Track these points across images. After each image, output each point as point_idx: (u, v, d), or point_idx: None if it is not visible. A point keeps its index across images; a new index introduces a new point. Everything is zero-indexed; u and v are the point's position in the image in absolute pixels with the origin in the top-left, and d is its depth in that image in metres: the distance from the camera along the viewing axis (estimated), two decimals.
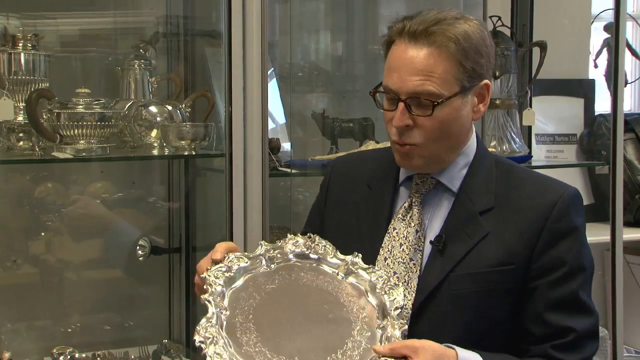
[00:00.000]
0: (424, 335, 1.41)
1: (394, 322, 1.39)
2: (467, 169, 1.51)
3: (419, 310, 1.44)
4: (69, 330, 2.46)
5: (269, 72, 2.16)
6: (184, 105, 2.34)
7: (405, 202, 1.53)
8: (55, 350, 2.24)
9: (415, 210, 1.50)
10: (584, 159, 3.03)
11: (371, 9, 2.92)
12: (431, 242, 1.47)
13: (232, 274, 1.42)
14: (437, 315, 1.44)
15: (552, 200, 1.46)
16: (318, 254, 1.50)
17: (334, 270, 1.49)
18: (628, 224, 2.80)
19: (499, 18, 2.64)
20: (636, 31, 3.60)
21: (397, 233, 1.51)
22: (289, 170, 2.31)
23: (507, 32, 2.71)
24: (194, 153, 2.24)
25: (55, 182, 2.43)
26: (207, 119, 2.32)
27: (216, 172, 2.29)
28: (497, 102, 2.57)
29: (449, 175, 1.51)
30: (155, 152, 2.28)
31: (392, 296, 1.42)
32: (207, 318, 1.32)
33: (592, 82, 3.12)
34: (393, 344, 1.33)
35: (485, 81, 1.46)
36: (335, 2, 2.87)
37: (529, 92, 2.76)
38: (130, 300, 2.57)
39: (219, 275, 1.40)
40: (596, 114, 3.07)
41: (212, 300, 1.35)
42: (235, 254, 1.45)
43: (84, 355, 2.28)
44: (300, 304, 1.42)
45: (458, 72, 1.41)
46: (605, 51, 3.07)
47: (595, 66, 3.13)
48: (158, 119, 2.28)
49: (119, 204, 2.55)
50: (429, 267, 1.46)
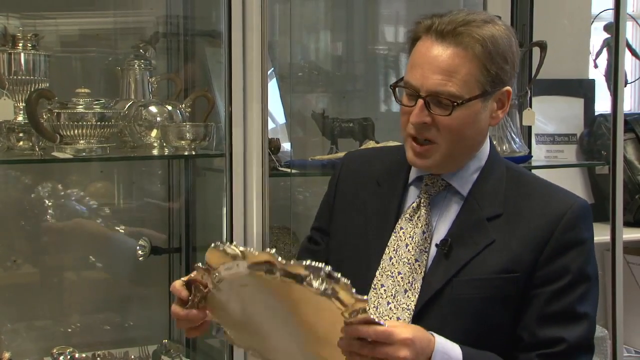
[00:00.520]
0: None
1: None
2: (478, 174, 1.51)
3: (420, 312, 1.44)
4: (69, 330, 2.46)
5: (268, 72, 2.16)
6: (184, 105, 2.34)
7: (414, 202, 1.52)
8: (55, 350, 2.24)
9: (423, 211, 1.50)
10: (584, 159, 3.02)
11: (371, 9, 2.92)
12: (437, 245, 1.47)
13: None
14: (438, 318, 1.43)
15: (561, 211, 1.45)
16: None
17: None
18: (628, 224, 2.80)
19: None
20: (636, 31, 3.60)
21: (403, 233, 1.50)
22: (289, 170, 2.31)
23: None
24: (194, 153, 2.24)
25: (55, 182, 2.43)
26: (207, 119, 2.32)
27: (216, 172, 2.29)
28: None
29: (459, 179, 1.50)
30: (155, 152, 2.28)
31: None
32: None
33: (592, 82, 3.12)
34: (366, 319, 1.21)
35: (507, 88, 1.45)
36: (336, 1, 2.87)
37: (529, 92, 2.75)
38: (130, 300, 2.57)
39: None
40: (596, 114, 3.07)
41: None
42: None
43: (84, 355, 2.28)
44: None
45: (481, 75, 1.40)
46: (605, 51, 3.07)
47: (595, 66, 3.13)
48: (158, 119, 2.28)
49: (118, 203, 2.55)
50: (433, 270, 1.46)
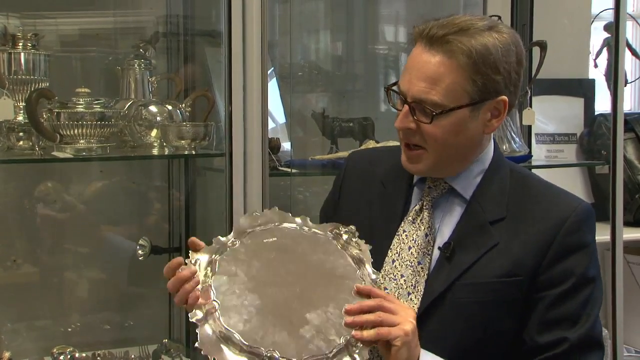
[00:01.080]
0: (426, 340, 1.41)
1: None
2: (481, 177, 1.50)
3: (422, 315, 1.43)
4: (69, 329, 2.46)
5: (268, 72, 2.16)
6: (184, 105, 2.34)
7: (417, 205, 1.51)
8: (55, 350, 2.25)
9: (426, 213, 1.49)
10: (584, 159, 3.02)
11: (371, 9, 2.92)
12: (439, 249, 1.47)
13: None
14: (440, 322, 1.43)
15: (564, 214, 1.44)
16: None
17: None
18: (628, 223, 2.80)
19: (499, 17, 2.62)
20: (636, 31, 3.60)
21: (406, 236, 1.50)
22: (289, 169, 2.31)
23: None
24: (194, 153, 2.24)
25: (55, 182, 2.43)
26: (207, 118, 2.32)
27: (216, 172, 2.30)
28: None
29: (462, 182, 1.49)
30: (155, 151, 2.28)
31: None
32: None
33: (592, 81, 3.12)
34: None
35: (502, 97, 1.42)
36: (335, 1, 2.87)
37: (529, 91, 2.75)
38: (130, 299, 2.57)
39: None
40: (596, 113, 3.07)
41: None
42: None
43: (84, 354, 2.28)
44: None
45: (468, 85, 1.38)
46: (605, 51, 3.07)
47: (595, 66, 3.13)
48: (158, 118, 2.28)
49: (118, 203, 2.55)
50: (435, 274, 1.45)
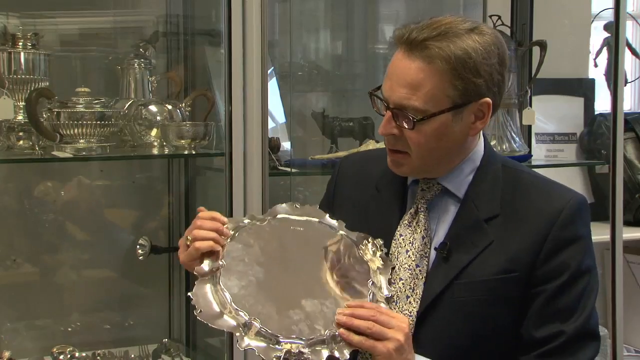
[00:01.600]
0: (427, 341, 1.42)
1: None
2: (473, 175, 1.49)
3: (422, 317, 1.43)
4: (69, 329, 2.46)
5: (268, 71, 2.16)
6: (183, 105, 2.34)
7: (412, 208, 1.51)
8: (55, 350, 2.25)
9: (422, 216, 1.49)
10: (583, 158, 3.02)
11: (371, 8, 2.92)
12: (436, 249, 1.46)
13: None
14: (440, 322, 1.43)
15: (558, 207, 1.43)
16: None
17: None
18: (628, 223, 2.80)
19: (499, 17, 2.64)
20: (636, 30, 3.60)
21: (403, 239, 1.49)
22: (288, 169, 2.31)
23: (507, 31, 2.71)
24: (193, 152, 2.24)
25: (55, 181, 2.43)
26: (207, 118, 2.32)
27: (216, 172, 2.30)
28: None
29: (454, 181, 1.49)
30: (155, 151, 2.28)
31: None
32: None
33: (592, 81, 3.12)
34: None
35: (486, 99, 1.40)
36: (335, 1, 2.87)
37: (529, 91, 2.76)
38: (130, 299, 2.57)
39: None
40: (596, 113, 3.07)
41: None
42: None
43: (84, 354, 2.28)
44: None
45: (449, 89, 1.37)
46: (605, 50, 3.07)
47: (595, 65, 3.13)
48: (158, 118, 2.28)
49: (118, 203, 2.55)
50: (433, 275, 1.45)
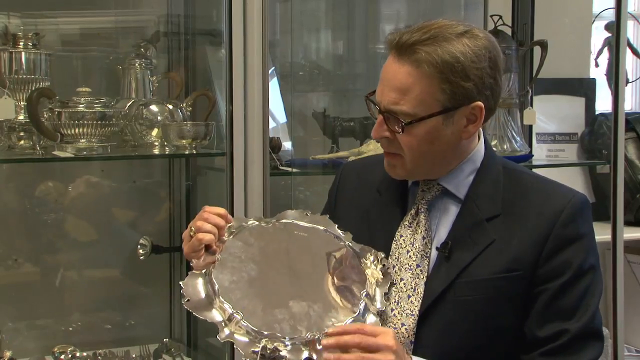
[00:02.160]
0: (429, 340, 1.42)
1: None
2: (473, 176, 1.50)
3: (424, 316, 1.43)
4: (70, 329, 2.46)
5: (269, 71, 2.16)
6: (184, 104, 2.34)
7: (412, 209, 1.52)
8: (56, 349, 2.25)
9: (422, 217, 1.50)
10: (584, 158, 3.02)
11: (372, 8, 2.92)
12: (437, 249, 1.47)
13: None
14: (443, 322, 1.43)
15: (559, 206, 1.44)
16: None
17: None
18: (629, 223, 2.79)
19: (500, 17, 2.64)
20: (637, 30, 3.60)
21: (403, 240, 1.50)
22: (289, 169, 2.31)
23: (508, 31, 2.71)
24: (194, 152, 2.24)
25: (56, 181, 2.43)
26: (207, 118, 2.32)
27: (217, 171, 2.30)
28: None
29: (455, 182, 1.49)
30: (156, 151, 2.28)
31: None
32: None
33: (593, 81, 3.12)
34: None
35: (477, 103, 1.41)
36: (336, 1, 2.87)
37: (530, 91, 2.75)
38: (131, 299, 2.57)
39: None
40: (597, 113, 3.07)
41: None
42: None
43: (85, 354, 2.28)
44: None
45: (438, 93, 1.38)
46: (606, 50, 3.07)
47: (596, 65, 3.13)
48: (159, 118, 2.28)
49: (119, 203, 2.56)
50: (435, 274, 1.45)
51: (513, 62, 2.62)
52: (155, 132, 2.27)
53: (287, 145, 2.44)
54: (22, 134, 2.11)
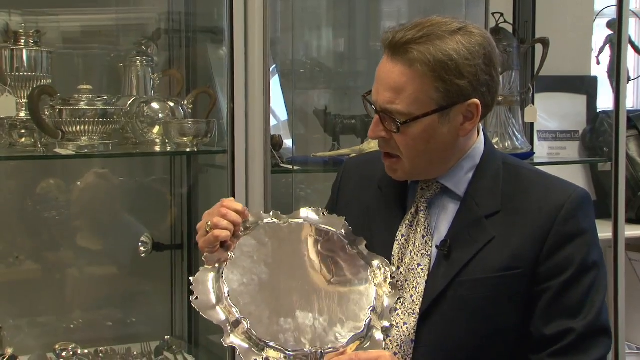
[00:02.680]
0: (431, 339, 1.42)
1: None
2: (472, 173, 1.49)
3: (425, 315, 1.43)
4: (72, 326, 2.46)
5: (270, 69, 2.16)
6: (186, 102, 2.34)
7: (412, 207, 1.51)
8: (57, 347, 2.25)
9: (422, 215, 1.49)
10: (586, 156, 3.02)
11: (373, 5, 2.92)
12: (437, 247, 1.46)
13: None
14: (444, 320, 1.43)
15: (559, 202, 1.43)
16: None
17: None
18: (630, 221, 2.79)
19: (502, 15, 2.64)
20: (639, 27, 3.59)
21: (405, 240, 1.50)
22: (290, 167, 2.31)
23: (510, 28, 2.71)
24: (196, 150, 2.24)
25: (58, 179, 2.43)
26: (209, 115, 2.32)
27: (218, 169, 2.30)
28: (500, 98, 2.57)
29: (454, 180, 1.49)
30: (157, 148, 2.28)
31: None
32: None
33: (595, 78, 3.11)
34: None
35: (473, 100, 1.40)
36: None
37: (531, 88, 2.75)
38: (132, 296, 2.57)
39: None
40: (598, 110, 3.06)
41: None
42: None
43: (86, 351, 2.29)
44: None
45: (433, 92, 1.38)
46: (607, 48, 3.06)
47: (598, 63, 3.12)
48: (160, 115, 2.28)
49: (120, 200, 2.56)
50: (435, 272, 1.45)
51: (514, 60, 2.62)
52: (156, 129, 2.27)
53: (288, 142, 2.44)
54: (23, 131, 2.11)
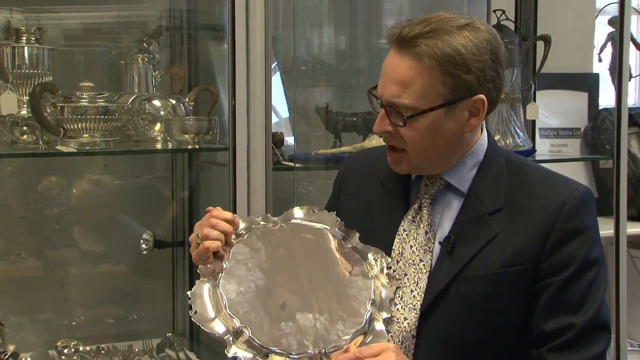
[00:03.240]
0: (432, 335, 1.42)
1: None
2: (476, 169, 1.49)
3: (427, 311, 1.43)
4: (73, 323, 2.47)
5: (272, 66, 2.16)
6: (187, 99, 2.34)
7: (415, 203, 1.52)
8: (59, 344, 2.26)
9: (425, 211, 1.49)
10: (587, 153, 3.02)
11: (374, 3, 2.92)
12: (440, 243, 1.47)
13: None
14: (446, 317, 1.43)
15: (562, 199, 1.43)
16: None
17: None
18: (632, 218, 2.79)
19: (503, 12, 2.64)
20: None
21: (407, 235, 1.50)
22: (292, 164, 2.31)
23: (511, 25, 2.70)
24: (197, 147, 2.24)
25: (59, 176, 2.43)
26: (210, 112, 2.32)
27: (220, 166, 2.30)
28: (501, 96, 2.56)
29: (457, 176, 1.49)
30: (159, 145, 2.29)
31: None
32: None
33: (596, 76, 3.11)
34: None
35: (479, 96, 1.41)
36: None
37: (533, 86, 2.75)
38: (134, 293, 2.58)
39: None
40: (600, 108, 3.06)
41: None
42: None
43: (87, 348, 2.29)
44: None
45: (440, 86, 1.38)
46: (609, 45, 3.06)
47: (600, 60, 3.12)
48: (161, 112, 2.28)
49: (122, 197, 2.56)
50: (438, 269, 1.45)
51: (516, 57, 2.62)
52: (157, 126, 2.27)
53: (289, 140, 2.44)
54: (25, 128, 2.11)
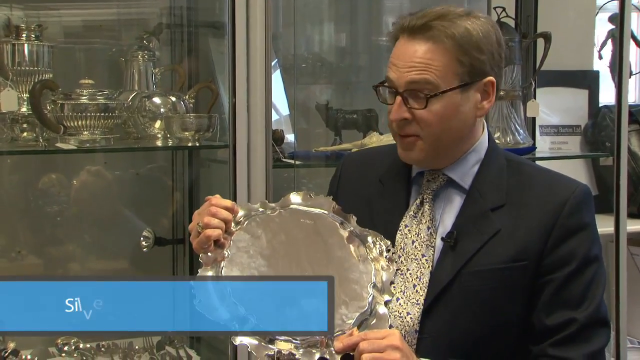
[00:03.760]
0: (434, 330, 1.43)
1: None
2: (478, 166, 1.51)
3: (430, 306, 1.44)
4: None
5: (272, 63, 2.16)
6: (187, 97, 2.34)
7: (417, 199, 1.52)
8: (59, 341, 2.26)
9: (427, 207, 1.50)
10: (588, 151, 3.02)
11: (375, 0, 2.92)
12: (442, 239, 1.47)
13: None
14: (449, 312, 1.43)
15: (563, 197, 1.45)
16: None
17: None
18: (632, 215, 2.78)
19: (504, 9, 2.64)
20: None
21: (409, 230, 1.50)
22: (292, 161, 2.31)
23: (512, 23, 2.70)
24: (197, 144, 2.24)
25: (59, 173, 2.43)
26: (210, 110, 2.32)
27: (220, 164, 2.30)
28: (501, 93, 2.56)
29: (460, 172, 1.50)
30: (159, 143, 2.29)
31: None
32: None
33: (597, 73, 3.11)
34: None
35: (490, 78, 1.45)
36: None
37: (533, 83, 2.75)
38: None
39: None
40: (600, 105, 3.06)
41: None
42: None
43: (88, 345, 2.29)
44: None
45: (457, 67, 1.41)
46: (609, 42, 3.05)
47: (600, 57, 3.12)
48: (162, 110, 2.28)
49: (122, 195, 2.56)
50: (441, 264, 1.46)
51: (516, 54, 2.62)
52: (158, 124, 2.27)
53: (290, 137, 2.44)
54: (25, 125, 2.11)
